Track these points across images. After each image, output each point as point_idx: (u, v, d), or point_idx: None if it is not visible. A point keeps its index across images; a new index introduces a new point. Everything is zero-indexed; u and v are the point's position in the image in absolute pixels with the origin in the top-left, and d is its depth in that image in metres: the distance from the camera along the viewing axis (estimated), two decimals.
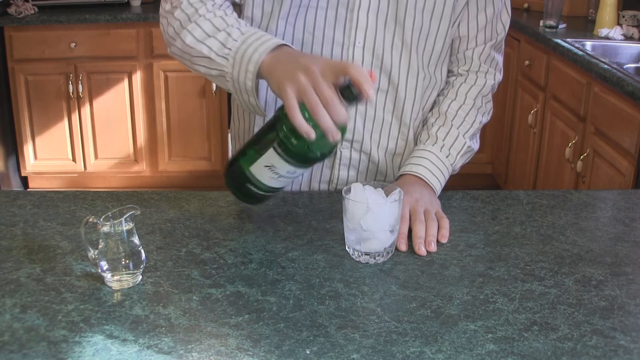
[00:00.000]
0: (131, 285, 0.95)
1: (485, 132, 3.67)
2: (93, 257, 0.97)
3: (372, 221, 0.99)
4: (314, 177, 1.33)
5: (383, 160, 1.31)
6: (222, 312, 0.89)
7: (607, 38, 2.94)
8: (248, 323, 0.86)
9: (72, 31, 3.46)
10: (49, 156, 3.68)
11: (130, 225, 0.95)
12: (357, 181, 1.31)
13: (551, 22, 3.13)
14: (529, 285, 0.96)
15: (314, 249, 1.05)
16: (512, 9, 1.33)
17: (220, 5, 1.18)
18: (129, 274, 0.95)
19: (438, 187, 1.23)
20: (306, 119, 0.94)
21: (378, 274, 0.99)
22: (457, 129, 1.27)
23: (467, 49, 1.30)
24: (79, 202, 1.22)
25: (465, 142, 1.27)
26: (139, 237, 0.97)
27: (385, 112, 1.27)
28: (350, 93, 0.94)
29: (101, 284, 0.95)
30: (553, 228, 1.14)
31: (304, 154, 0.99)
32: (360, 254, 1.01)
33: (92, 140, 3.65)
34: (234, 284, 0.95)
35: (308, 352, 0.80)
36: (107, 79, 3.55)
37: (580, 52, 2.61)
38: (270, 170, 1.03)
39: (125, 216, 0.94)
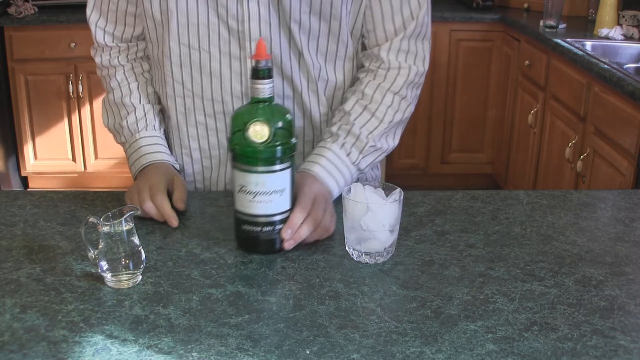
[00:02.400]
0: (131, 285, 0.95)
1: (485, 132, 3.67)
2: (93, 257, 0.97)
3: (372, 221, 0.99)
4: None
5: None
6: (222, 312, 0.89)
7: (607, 38, 2.94)
8: (248, 323, 0.86)
9: (72, 31, 3.46)
10: (49, 156, 3.68)
11: (130, 225, 0.95)
12: None
13: (551, 22, 3.13)
14: (529, 285, 0.96)
15: (314, 249, 1.05)
16: (513, 9, 1.31)
17: (132, 65, 1.31)
18: (129, 274, 0.95)
19: (333, 187, 1.17)
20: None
21: (378, 274, 0.98)
22: (360, 128, 1.20)
23: (375, 44, 1.24)
24: (79, 202, 1.22)
25: (368, 142, 1.20)
26: (139, 237, 0.97)
27: (295, 118, 1.26)
28: (256, 71, 0.99)
29: (101, 284, 0.95)
30: (553, 228, 1.14)
31: (248, 149, 0.99)
32: (360, 254, 1.01)
33: (92, 140, 3.65)
34: (234, 284, 0.95)
35: (308, 352, 0.80)
36: None
37: (580, 52, 2.61)
38: (244, 192, 1.01)
39: (125, 216, 0.94)
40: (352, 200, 1.01)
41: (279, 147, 0.99)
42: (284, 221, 1.02)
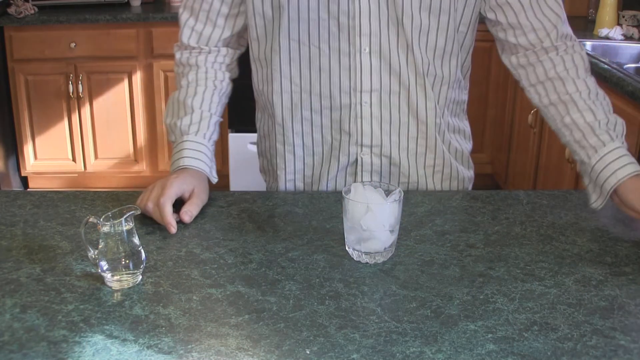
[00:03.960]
0: (131, 285, 0.95)
1: (485, 132, 3.67)
2: (93, 257, 0.97)
3: (372, 221, 0.99)
4: (338, 185, 1.34)
5: (405, 162, 1.31)
6: (222, 312, 0.89)
7: (607, 38, 2.94)
8: (248, 323, 0.86)
9: (72, 31, 3.46)
10: (49, 156, 3.68)
11: (130, 225, 0.95)
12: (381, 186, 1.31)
13: None
14: (529, 285, 0.96)
15: (314, 249, 1.05)
16: None
17: (207, 69, 1.32)
18: (129, 274, 0.95)
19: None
20: None
21: (378, 274, 0.98)
22: (607, 113, 1.19)
23: (542, 41, 1.24)
24: (79, 202, 1.22)
25: (613, 117, 1.19)
26: (139, 237, 0.97)
27: (400, 114, 1.27)
28: None
29: (101, 284, 0.95)
30: (553, 228, 1.14)
31: None
32: (360, 254, 1.01)
33: (92, 140, 3.65)
34: (234, 284, 0.95)
35: (308, 352, 0.80)
36: (107, 79, 3.55)
37: None
38: None
39: (125, 216, 0.94)
40: (352, 200, 1.00)
41: None
42: None
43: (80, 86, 3.54)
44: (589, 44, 2.86)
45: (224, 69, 1.35)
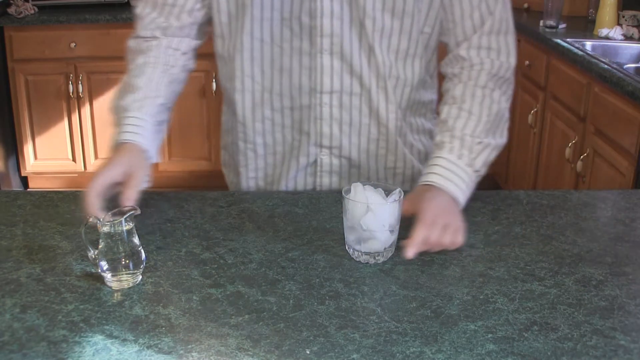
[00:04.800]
0: (131, 285, 0.95)
1: None
2: (93, 257, 0.97)
3: (372, 221, 0.99)
4: (298, 185, 1.33)
5: (365, 163, 1.30)
6: (222, 312, 0.89)
7: (607, 38, 2.94)
8: (248, 323, 0.86)
9: (72, 31, 3.46)
10: (49, 156, 3.68)
11: (130, 225, 0.95)
12: (340, 186, 1.30)
13: (551, 22, 3.13)
14: (529, 285, 0.96)
15: (314, 249, 1.05)
16: (513, 9, 1.29)
17: (157, 53, 1.25)
18: (129, 274, 0.95)
19: (457, 193, 1.14)
20: None
21: (378, 274, 0.98)
22: (462, 130, 1.18)
23: (456, 45, 1.24)
24: (79, 202, 1.22)
25: (474, 140, 1.18)
26: (139, 237, 0.97)
27: (361, 115, 1.26)
28: None
29: (101, 284, 0.95)
30: (553, 228, 1.14)
31: None
32: (360, 254, 1.01)
33: (92, 140, 3.65)
34: (234, 284, 0.95)
35: (308, 352, 0.80)
36: (107, 79, 3.55)
37: (580, 52, 2.61)
38: None
39: (125, 216, 0.94)
40: (352, 200, 1.00)
41: None
42: None
43: (80, 86, 3.54)
44: (589, 44, 2.86)
45: (177, 55, 1.28)
